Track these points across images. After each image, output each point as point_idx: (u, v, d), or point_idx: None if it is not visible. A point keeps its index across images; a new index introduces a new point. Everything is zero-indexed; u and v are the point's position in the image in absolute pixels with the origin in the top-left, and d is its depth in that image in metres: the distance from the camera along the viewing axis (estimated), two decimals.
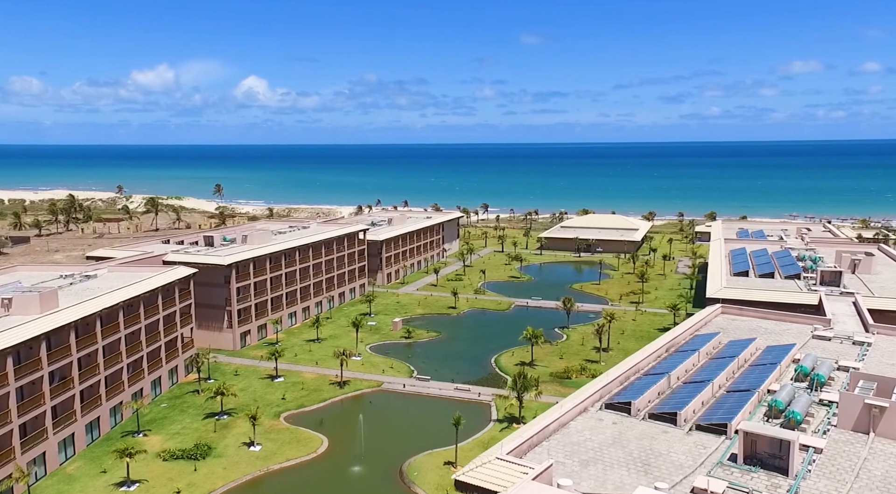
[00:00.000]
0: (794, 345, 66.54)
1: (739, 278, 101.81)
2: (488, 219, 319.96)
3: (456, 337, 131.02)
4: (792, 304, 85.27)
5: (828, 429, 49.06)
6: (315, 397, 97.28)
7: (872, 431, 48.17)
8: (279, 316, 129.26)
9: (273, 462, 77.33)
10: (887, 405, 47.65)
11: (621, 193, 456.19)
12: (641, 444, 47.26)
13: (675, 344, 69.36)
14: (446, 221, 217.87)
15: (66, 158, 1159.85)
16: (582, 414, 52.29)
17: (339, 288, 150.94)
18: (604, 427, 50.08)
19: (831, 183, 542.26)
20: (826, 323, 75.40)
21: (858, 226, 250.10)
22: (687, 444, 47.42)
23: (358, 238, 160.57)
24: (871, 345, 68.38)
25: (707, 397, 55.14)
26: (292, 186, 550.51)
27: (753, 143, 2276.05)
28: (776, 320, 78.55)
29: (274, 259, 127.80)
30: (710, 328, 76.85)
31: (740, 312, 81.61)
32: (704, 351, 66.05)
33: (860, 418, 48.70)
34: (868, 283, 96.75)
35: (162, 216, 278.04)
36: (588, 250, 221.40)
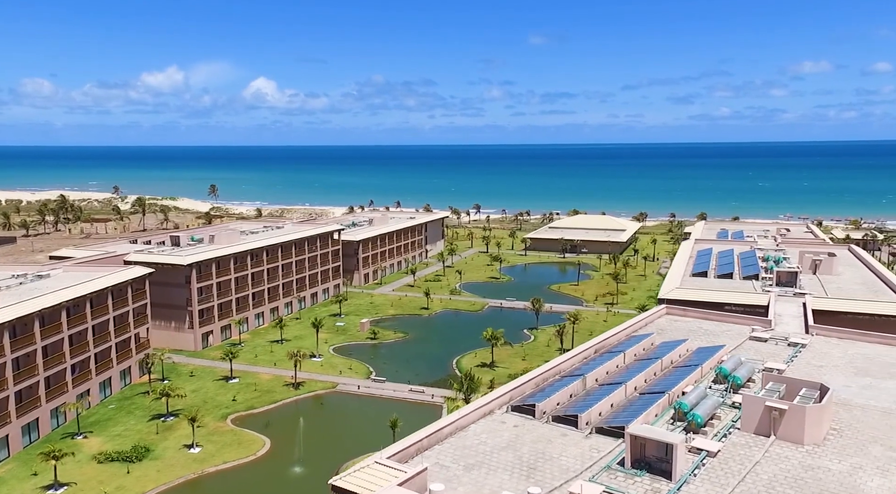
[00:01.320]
0: (723, 347, 65.38)
1: (697, 278, 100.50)
2: (480, 219, 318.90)
3: (423, 339, 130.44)
4: (742, 305, 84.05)
5: (729, 432, 48.01)
6: (266, 398, 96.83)
7: (773, 434, 47.13)
8: (245, 316, 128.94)
9: (210, 464, 76.88)
10: (786, 407, 46.58)
11: (623, 194, 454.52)
12: (536, 448, 46.36)
13: (607, 346, 68.31)
14: (430, 222, 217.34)
15: (75, 159, 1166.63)
16: (486, 417, 51.37)
17: (311, 288, 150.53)
18: (503, 430, 49.19)
19: (836, 184, 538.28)
20: (767, 325, 74.15)
21: (850, 227, 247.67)
22: (582, 448, 46.48)
23: (332, 238, 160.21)
24: (805, 347, 67.13)
25: (619, 399, 54.15)
26: (292, 187, 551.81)
27: (764, 144, 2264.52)
28: (718, 321, 77.36)
29: (239, 259, 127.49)
30: (649, 329, 75.67)
31: (684, 313, 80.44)
32: (632, 353, 64.99)
33: (762, 421, 47.61)
34: (826, 284, 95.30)
35: (154, 217, 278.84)
36: (573, 251, 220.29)
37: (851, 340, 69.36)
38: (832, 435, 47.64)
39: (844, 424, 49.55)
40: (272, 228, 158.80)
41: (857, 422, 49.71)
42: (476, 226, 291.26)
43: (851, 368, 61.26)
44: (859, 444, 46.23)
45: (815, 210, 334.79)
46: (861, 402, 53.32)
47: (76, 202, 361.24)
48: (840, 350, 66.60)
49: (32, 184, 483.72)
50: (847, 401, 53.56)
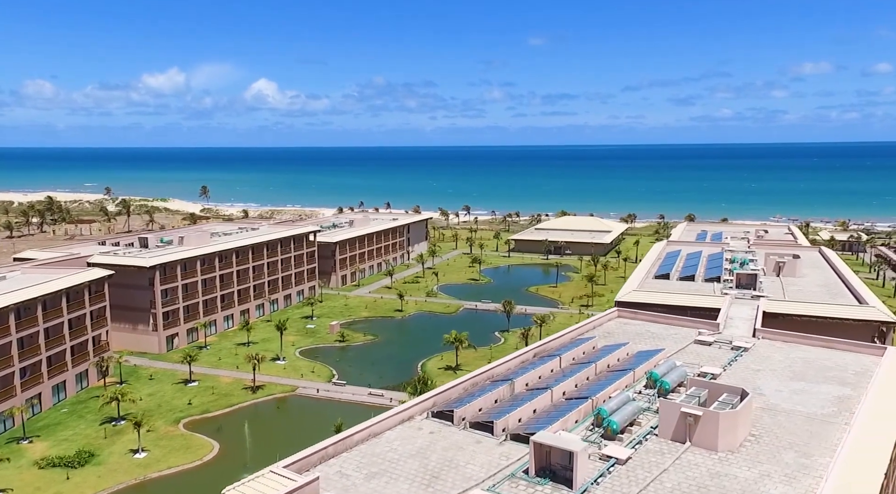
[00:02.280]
0: (661, 351, 64.53)
1: (658, 281, 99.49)
2: (469, 221, 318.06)
3: (392, 341, 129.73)
4: (695, 308, 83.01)
5: (645, 439, 47.18)
6: (223, 402, 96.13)
7: (689, 440, 46.33)
8: (213, 318, 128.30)
9: (153, 469, 76.15)
10: (700, 414, 45.75)
11: (619, 195, 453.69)
12: (445, 455, 45.55)
13: (549, 349, 67.43)
14: (413, 223, 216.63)
15: (75, 161, 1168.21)
16: (404, 423, 50.58)
17: (284, 290, 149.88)
18: (418, 437, 48.38)
19: (833, 185, 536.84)
20: (715, 328, 73.24)
21: (837, 229, 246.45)
22: (493, 455, 45.65)
23: (308, 240, 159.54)
24: (747, 351, 66.25)
25: (544, 405, 53.34)
26: (288, 188, 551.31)
27: (766, 145, 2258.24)
28: (667, 324, 76.46)
29: (207, 261, 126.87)
30: (597, 332, 74.81)
31: (634, 316, 79.52)
32: (570, 357, 64.16)
33: (678, 427, 46.78)
34: (787, 286, 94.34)
35: (140, 218, 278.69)
36: (557, 252, 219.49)
37: (796, 344, 68.47)
38: (750, 441, 46.83)
39: (765, 430, 48.73)
40: (247, 230, 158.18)
41: (779, 428, 48.88)
42: (464, 228, 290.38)
43: (789, 372, 60.39)
44: (774, 451, 45.41)
45: (807, 211, 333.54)
46: (788, 407, 52.48)
47: (67, 203, 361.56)
48: (782, 353, 65.71)
49: (27, 186, 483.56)
50: (774, 406, 52.75)
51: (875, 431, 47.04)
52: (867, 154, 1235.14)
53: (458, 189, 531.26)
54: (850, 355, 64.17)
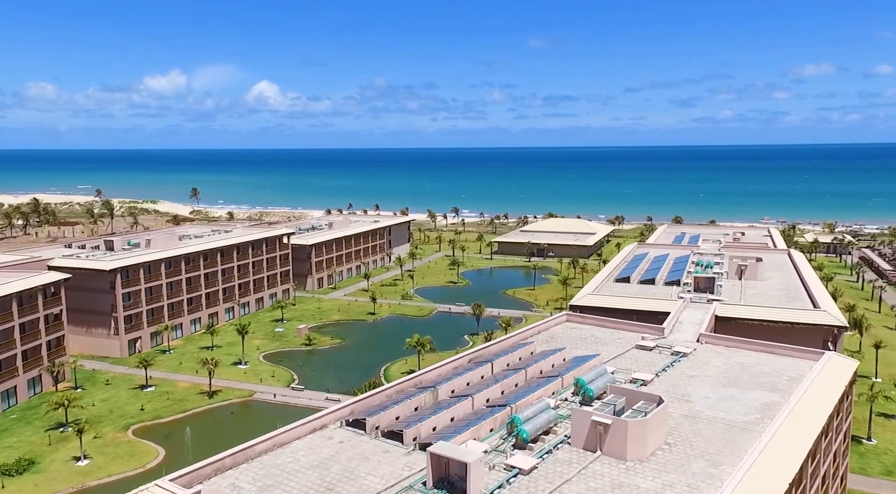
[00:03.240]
0: (596, 356, 63.48)
1: (618, 284, 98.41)
2: (457, 222, 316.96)
3: (359, 344, 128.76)
4: (646, 312, 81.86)
5: (557, 448, 46.09)
6: (177, 408, 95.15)
7: (600, 449, 45.28)
8: (179, 322, 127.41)
9: (93, 477, 75.19)
10: (610, 422, 44.69)
11: (613, 197, 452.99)
12: (348, 466, 44.47)
13: (486, 354, 66.35)
14: (394, 225, 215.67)
15: (74, 163, 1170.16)
16: (315, 432, 49.53)
17: (256, 293, 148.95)
18: (326, 447, 47.31)
19: (829, 187, 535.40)
20: (659, 333, 72.14)
21: (823, 231, 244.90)
22: (397, 466, 44.57)
23: (281, 242, 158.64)
24: (686, 356, 65.12)
25: (464, 413, 52.26)
26: (283, 190, 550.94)
27: (768, 147, 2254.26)
28: (613, 329, 75.30)
29: (172, 263, 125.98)
30: (541, 337, 73.83)
31: (582, 320, 78.44)
32: (504, 362, 63.09)
33: (589, 436, 45.72)
34: (746, 289, 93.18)
35: (123, 220, 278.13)
36: (540, 254, 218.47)
37: (737, 349, 67.33)
38: (663, 450, 45.75)
39: (682, 438, 47.66)
40: (220, 232, 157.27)
41: (696, 436, 47.79)
42: (451, 230, 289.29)
43: (723, 378, 59.25)
44: (684, 460, 44.33)
45: (801, 213, 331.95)
46: (711, 415, 51.36)
47: (57, 205, 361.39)
48: (722, 359, 64.57)
49: (20, 188, 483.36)
50: (697, 414, 51.65)
51: (789, 439, 45.96)
52: (868, 156, 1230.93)
53: (452, 191, 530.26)
54: (789, 360, 63.03)
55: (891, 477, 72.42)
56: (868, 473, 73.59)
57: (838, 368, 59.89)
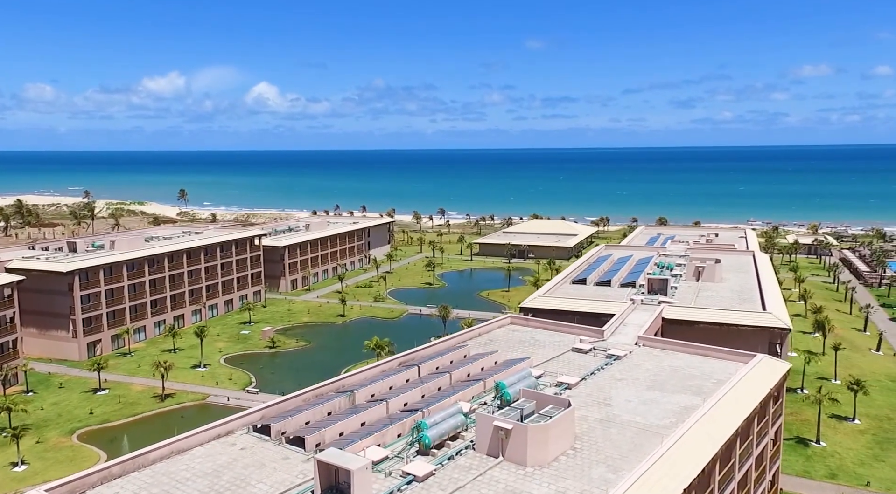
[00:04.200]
0: (527, 359, 62.56)
1: (574, 286, 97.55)
2: (442, 223, 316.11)
3: (324, 347, 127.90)
4: (592, 314, 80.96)
5: (459, 454, 45.21)
6: (127, 411, 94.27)
7: (502, 455, 44.45)
8: (143, 324, 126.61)
9: (29, 483, 74.21)
10: (511, 427, 43.86)
11: (605, 198, 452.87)
12: (242, 473, 43.54)
13: (418, 357, 65.44)
14: (373, 226, 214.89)
15: (74, 164, 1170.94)
16: (219, 438, 48.57)
17: (225, 295, 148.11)
18: (226, 453, 46.34)
19: (822, 188, 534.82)
20: (600, 335, 71.26)
21: (806, 232, 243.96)
22: (293, 473, 43.67)
23: (252, 244, 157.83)
24: (619, 359, 64.25)
25: (377, 417, 51.41)
26: (275, 191, 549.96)
27: (767, 148, 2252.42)
28: (555, 331, 74.41)
29: (135, 265, 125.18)
30: (481, 340, 72.99)
31: (526, 323, 77.66)
32: (433, 365, 62.25)
33: (492, 441, 44.93)
34: (701, 291, 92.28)
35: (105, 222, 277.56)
36: (521, 256, 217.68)
37: (672, 351, 66.55)
38: (568, 455, 44.98)
39: (591, 442, 46.86)
40: (191, 233, 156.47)
41: (606, 441, 46.98)
42: (434, 231, 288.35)
43: (650, 381, 58.39)
44: (586, 465, 43.54)
45: (788, 214, 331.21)
46: (627, 419, 50.53)
47: (45, 207, 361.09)
48: (654, 362, 63.73)
49: (8, 189, 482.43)
50: (614, 418, 50.83)
51: (696, 443, 45.12)
52: (867, 157, 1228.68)
53: (444, 192, 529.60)
54: (722, 363, 62.19)
55: (834, 480, 71.55)
56: (812, 476, 72.74)
57: (767, 371, 59.06)
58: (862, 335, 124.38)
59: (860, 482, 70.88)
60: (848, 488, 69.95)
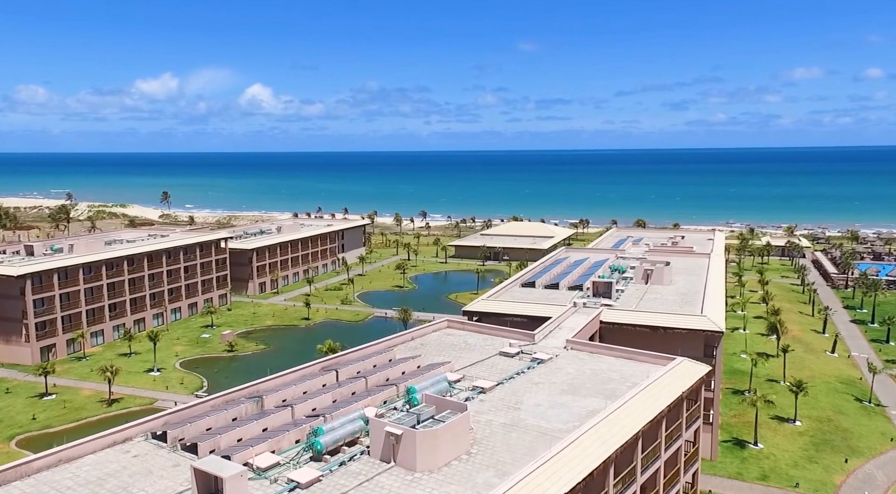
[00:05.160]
0: (447, 363, 62.36)
1: (523, 289, 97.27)
2: (422, 225, 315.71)
3: (282, 350, 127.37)
4: (529, 317, 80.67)
5: (352, 459, 44.94)
6: (71, 416, 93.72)
7: (393, 460, 44.21)
8: (101, 328, 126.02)
9: None
10: (400, 432, 43.62)
11: (592, 200, 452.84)
12: (128, 481, 42.97)
13: (344, 360, 65.17)
14: (347, 229, 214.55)
15: (65, 166, 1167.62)
16: (116, 445, 48.12)
17: (189, 298, 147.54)
18: (117, 461, 45.68)
19: (807, 189, 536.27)
20: (531, 338, 71.04)
21: (780, 234, 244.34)
22: (178, 481, 42.88)
23: (218, 247, 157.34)
24: (543, 362, 64.03)
25: (281, 423, 51.13)
26: (259, 193, 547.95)
27: (760, 150, 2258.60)
28: (488, 335, 74.22)
29: (92, 269, 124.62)
30: (412, 343, 72.76)
31: (462, 327, 77.46)
32: (354, 370, 62.02)
33: (385, 446, 44.71)
34: (647, 294, 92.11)
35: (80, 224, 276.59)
36: (496, 258, 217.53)
37: (599, 355, 66.49)
38: (461, 460, 44.85)
39: (488, 447, 46.75)
40: (157, 236, 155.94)
41: (504, 445, 46.86)
42: (412, 233, 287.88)
43: (566, 385, 58.24)
44: (475, 470, 43.42)
45: (770, 216, 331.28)
46: (532, 423, 50.40)
47: (26, 209, 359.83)
48: (577, 365, 63.60)
49: None
50: (519, 422, 50.69)
51: (586, 448, 44.93)
52: (859, 159, 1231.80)
53: (433, 194, 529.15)
54: (644, 366, 62.10)
55: (765, 482, 71.48)
56: (744, 478, 72.67)
57: (683, 374, 58.92)
58: (820, 336, 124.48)
59: (790, 483, 70.82)
60: (777, 489, 69.84)
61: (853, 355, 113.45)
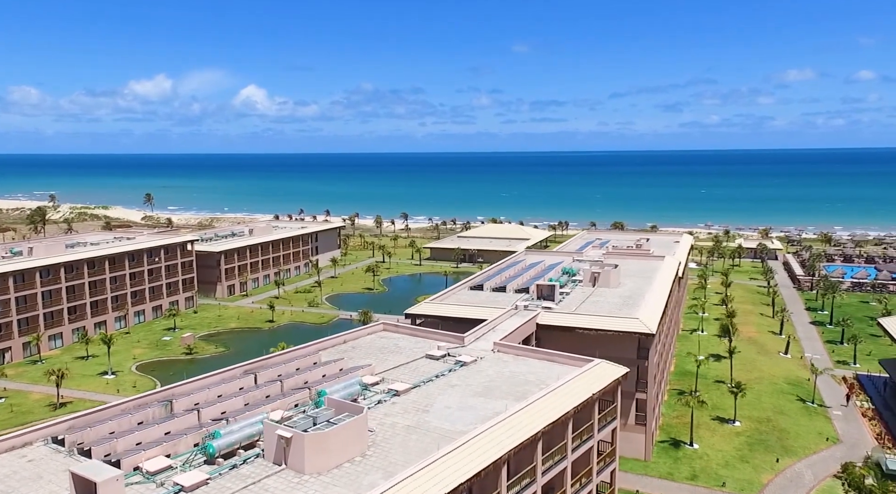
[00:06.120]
0: (368, 366, 62.72)
1: (471, 292, 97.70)
2: (403, 227, 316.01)
3: (241, 353, 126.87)
4: (471, 319, 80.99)
5: (243, 463, 45.17)
6: (16, 420, 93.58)
7: (285, 463, 44.50)
8: (59, 331, 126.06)
9: None
10: (290, 435, 43.92)
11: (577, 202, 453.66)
12: (15, 486, 42.60)
13: (267, 364, 65.41)
14: (321, 231, 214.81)
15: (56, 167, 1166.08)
16: (14, 450, 48.08)
17: (153, 301, 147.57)
18: (9, 466, 44.98)
19: (794, 191, 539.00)
20: (460, 341, 71.42)
21: (754, 236, 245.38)
22: (65, 485, 43.35)
23: (184, 249, 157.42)
24: (466, 365, 64.36)
25: (185, 426, 51.34)
26: (246, 195, 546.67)
27: (754, 151, 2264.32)
28: (423, 338, 74.52)
29: (51, 271, 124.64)
30: (344, 347, 73.10)
31: (396, 330, 77.81)
32: (275, 373, 62.28)
33: (277, 449, 45.00)
34: (590, 297, 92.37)
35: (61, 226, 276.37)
36: (471, 260, 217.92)
37: (524, 357, 66.89)
38: (354, 462, 45.22)
39: (384, 449, 47.10)
40: (122, 239, 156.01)
41: (399, 448, 47.23)
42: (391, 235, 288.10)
43: (481, 387, 58.62)
44: (363, 472, 43.81)
45: (753, 218, 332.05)
46: (436, 425, 50.79)
47: (8, 211, 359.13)
48: (498, 368, 63.99)
49: None
50: (423, 424, 51.07)
51: (477, 449, 45.30)
52: (850, 161, 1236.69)
53: (421, 195, 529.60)
54: (564, 368, 62.38)
55: (693, 482, 72.04)
56: (674, 478, 73.18)
57: (597, 376, 59.32)
58: (776, 338, 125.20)
59: (717, 483, 71.30)
60: (704, 489, 70.33)
61: (806, 356, 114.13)
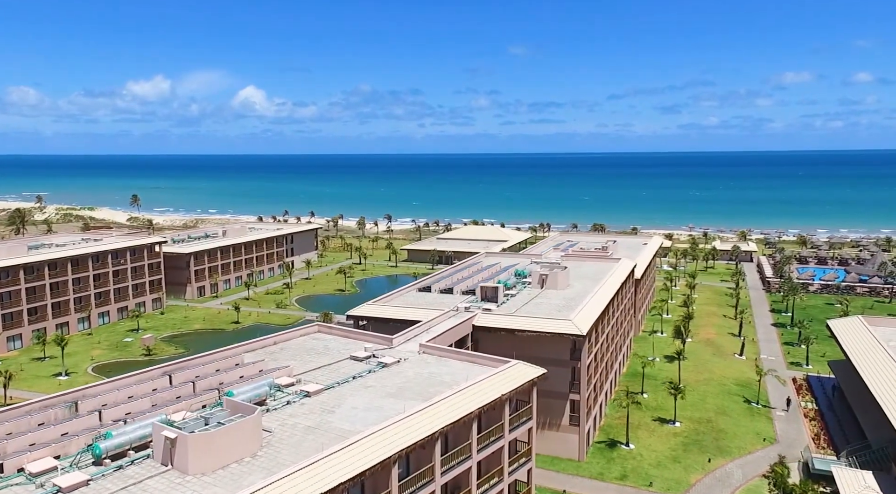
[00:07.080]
0: (286, 367, 62.84)
1: (419, 293, 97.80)
2: (386, 229, 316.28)
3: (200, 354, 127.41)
4: (409, 321, 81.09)
5: (131, 464, 45.26)
6: None
7: (171, 464, 44.57)
8: (18, 332, 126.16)
9: None
10: (174, 436, 44.03)
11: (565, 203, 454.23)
12: None
13: (191, 365, 65.51)
14: (297, 233, 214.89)
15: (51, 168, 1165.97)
16: None
17: (118, 302, 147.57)
18: None
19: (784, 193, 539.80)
20: (389, 343, 71.54)
21: (731, 238, 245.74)
22: None
23: (152, 250, 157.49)
24: (386, 366, 64.51)
25: (83, 428, 51.44)
26: (235, 196, 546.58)
27: (752, 153, 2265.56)
28: (354, 339, 74.62)
29: (9, 273, 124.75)
30: (274, 348, 73.21)
31: (330, 331, 77.92)
32: (193, 374, 62.38)
33: (164, 450, 45.08)
34: (535, 298, 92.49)
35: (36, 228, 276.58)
36: (447, 262, 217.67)
37: (447, 359, 67.09)
38: (241, 463, 45.43)
39: (277, 450, 47.32)
40: (90, 240, 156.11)
41: (293, 448, 47.47)
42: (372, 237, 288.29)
43: (395, 388, 58.94)
44: (247, 473, 44.11)
45: (733, 221, 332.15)
46: (336, 426, 51.00)
47: None
48: (419, 369, 64.27)
49: None
50: (323, 425, 51.25)
51: (365, 449, 45.47)
52: (847, 163, 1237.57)
53: (413, 196, 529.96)
54: (482, 369, 62.55)
55: (622, 482, 72.15)
56: (604, 478, 73.28)
57: (511, 377, 59.47)
58: (735, 339, 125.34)
59: (645, 482, 71.41)
60: (631, 489, 70.44)
61: (760, 357, 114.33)
